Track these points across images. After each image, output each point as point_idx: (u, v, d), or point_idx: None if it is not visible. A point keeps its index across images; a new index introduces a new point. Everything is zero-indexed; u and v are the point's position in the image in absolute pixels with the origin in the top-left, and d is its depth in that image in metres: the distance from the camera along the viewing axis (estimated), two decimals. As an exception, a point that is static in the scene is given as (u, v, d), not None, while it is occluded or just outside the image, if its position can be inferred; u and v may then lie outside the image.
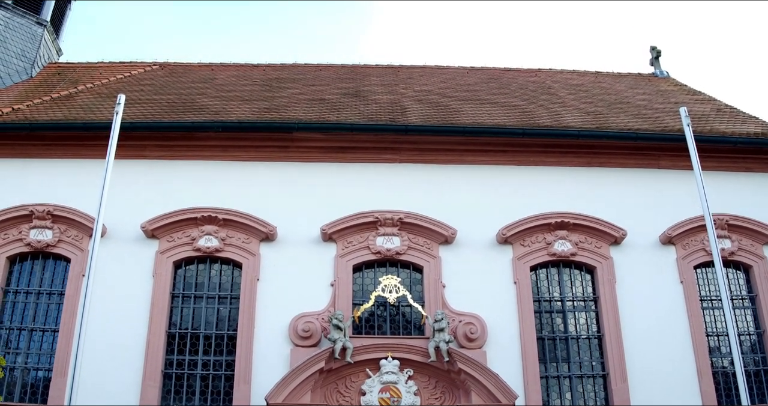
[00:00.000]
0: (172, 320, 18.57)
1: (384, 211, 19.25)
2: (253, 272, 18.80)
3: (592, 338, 18.76)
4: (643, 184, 20.26)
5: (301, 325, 17.94)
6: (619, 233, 19.30)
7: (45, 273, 19.25)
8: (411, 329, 18.58)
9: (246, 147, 20.22)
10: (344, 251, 19.06)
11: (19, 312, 18.77)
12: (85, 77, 26.25)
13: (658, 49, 29.68)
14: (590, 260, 19.29)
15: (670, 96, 25.57)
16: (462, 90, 25.48)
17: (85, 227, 18.87)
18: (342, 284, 18.66)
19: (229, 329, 18.49)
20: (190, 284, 19.07)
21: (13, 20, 26.24)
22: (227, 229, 19.16)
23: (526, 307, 18.60)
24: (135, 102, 22.23)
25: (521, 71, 28.83)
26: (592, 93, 25.62)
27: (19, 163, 20.17)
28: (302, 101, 23.07)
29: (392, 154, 20.28)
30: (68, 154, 20.18)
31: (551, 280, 19.36)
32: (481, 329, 18.04)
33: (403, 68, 28.64)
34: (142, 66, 28.09)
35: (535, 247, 19.29)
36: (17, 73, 25.57)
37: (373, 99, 23.52)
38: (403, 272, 19.14)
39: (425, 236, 19.22)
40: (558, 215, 19.41)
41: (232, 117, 20.93)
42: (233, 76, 27.10)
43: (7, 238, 19.20)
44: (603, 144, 20.42)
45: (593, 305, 19.10)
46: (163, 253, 18.96)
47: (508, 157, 20.38)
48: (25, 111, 21.42)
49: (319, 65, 28.68)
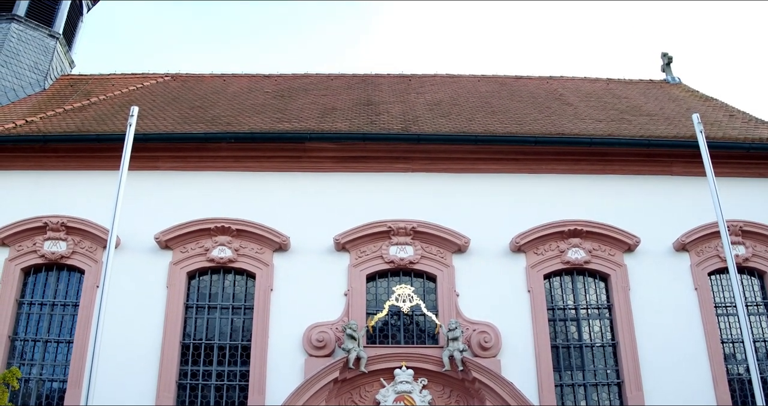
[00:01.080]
0: (186, 330, 18.59)
1: (397, 220, 19.25)
2: (267, 282, 18.80)
3: (606, 346, 18.69)
4: (656, 191, 20.19)
5: (315, 335, 17.93)
6: (633, 240, 19.24)
7: (59, 284, 19.30)
8: (425, 339, 18.55)
9: (258, 157, 20.25)
10: (357, 260, 19.06)
11: (33, 324, 18.82)
12: (97, 89, 26.35)
13: (670, 55, 29.67)
14: (604, 267, 19.24)
15: (682, 102, 25.52)
16: (473, 98, 25.47)
17: (99, 239, 18.95)
18: (356, 294, 18.65)
19: (243, 340, 18.48)
20: (204, 294, 19.09)
21: (26, 33, 26.37)
22: (240, 239, 19.18)
23: (540, 315, 18.55)
24: (147, 113, 22.31)
25: (532, 79, 28.84)
26: (603, 100, 25.58)
27: (32, 175, 20.25)
28: (314, 111, 23.10)
29: (404, 163, 20.29)
30: (82, 166, 20.25)
31: (565, 288, 19.31)
32: (495, 337, 18.01)
33: (415, 77, 28.67)
34: (154, 77, 28.18)
35: (548, 255, 19.25)
36: (30, 86, 25.68)
37: (385, 108, 23.53)
38: (416, 281, 19.13)
39: (438, 244, 19.20)
40: (571, 223, 19.37)
41: (244, 128, 20.97)
42: (245, 86, 27.17)
43: (22, 250, 19.26)
44: (615, 151, 20.38)
45: (607, 312, 19.05)
46: (176, 264, 18.99)
47: (520, 165, 20.36)
48: (38, 123, 21.52)
49: (331, 75, 28.74)
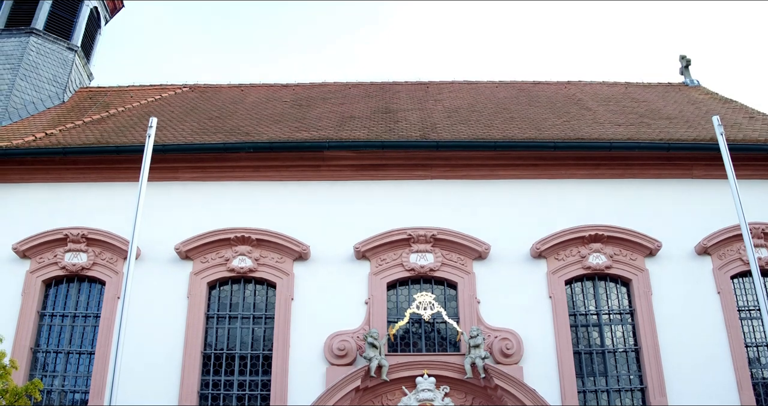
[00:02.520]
0: (207, 340, 18.61)
1: (417, 228, 19.21)
2: (288, 292, 18.81)
3: (629, 352, 18.57)
4: (677, 194, 20.09)
5: (336, 343, 17.91)
6: (654, 244, 19.13)
7: (80, 296, 19.39)
8: (446, 346, 18.49)
9: (278, 167, 20.28)
10: (378, 268, 19.03)
11: (55, 335, 18.91)
12: (116, 101, 26.49)
13: (688, 58, 29.52)
14: (625, 272, 19.13)
15: (701, 105, 25.39)
16: (492, 104, 25.43)
17: (120, 250, 19.02)
18: (376, 302, 18.62)
19: (265, 349, 18.49)
20: (225, 304, 19.10)
21: (45, 46, 26.51)
22: (261, 249, 19.19)
23: (562, 321, 18.46)
24: (166, 124, 22.39)
25: (551, 84, 28.76)
26: (622, 104, 25.48)
27: (53, 188, 20.39)
28: (333, 120, 23.12)
29: (424, 170, 20.26)
30: (101, 178, 20.37)
31: (586, 293, 19.21)
32: (517, 344, 17.93)
33: (433, 84, 28.66)
34: (172, 88, 28.30)
35: (569, 260, 19.17)
36: (50, 99, 25.82)
37: (403, 116, 23.52)
38: (437, 289, 19.08)
39: (459, 252, 19.15)
40: (592, 228, 19.27)
41: (263, 137, 21.01)
42: (263, 96, 27.23)
43: (43, 262, 19.36)
44: (635, 155, 20.28)
45: (629, 317, 18.94)
46: (197, 274, 19.02)
47: (540, 170, 20.31)
48: (58, 136, 21.65)
49: (349, 83, 28.76)
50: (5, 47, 26.07)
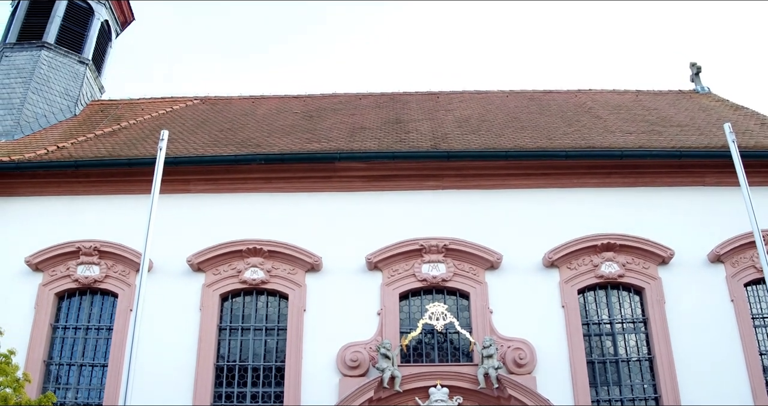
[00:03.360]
0: (219, 352, 18.61)
1: (428, 238, 19.19)
2: (300, 303, 18.80)
3: (642, 361, 18.50)
4: (689, 202, 20.03)
5: (349, 355, 17.89)
6: (667, 252, 19.07)
7: (93, 309, 19.42)
8: (459, 356, 18.44)
9: (289, 178, 20.31)
10: (390, 279, 19.02)
11: (68, 348, 18.94)
12: (127, 114, 26.56)
13: (698, 65, 29.47)
14: (638, 281, 19.06)
15: (712, 112, 25.33)
16: (502, 114, 25.41)
17: (132, 262, 19.05)
18: (389, 313, 18.60)
19: (277, 361, 18.48)
20: (237, 316, 19.10)
21: (56, 60, 26.63)
22: (273, 260, 19.19)
23: (575, 330, 18.40)
24: (178, 137, 22.44)
25: (561, 93, 28.71)
26: (633, 112, 25.44)
27: (65, 201, 20.45)
28: (343, 131, 23.15)
29: (435, 180, 20.26)
30: (113, 191, 20.42)
31: (599, 302, 19.16)
32: (530, 354, 17.88)
33: (443, 94, 28.65)
34: (183, 101, 28.35)
35: (582, 269, 19.11)
36: (61, 112, 25.90)
37: (414, 126, 23.52)
38: (449, 299, 19.05)
39: (471, 261, 19.12)
40: (604, 237, 19.23)
41: (274, 149, 21.02)
42: (274, 108, 27.26)
43: (55, 274, 19.40)
44: (647, 163, 20.24)
45: (643, 326, 18.87)
46: (209, 286, 19.04)
47: (551, 180, 20.28)
48: (69, 149, 21.72)
49: (359, 94, 28.78)
50: (17, 61, 26.19)
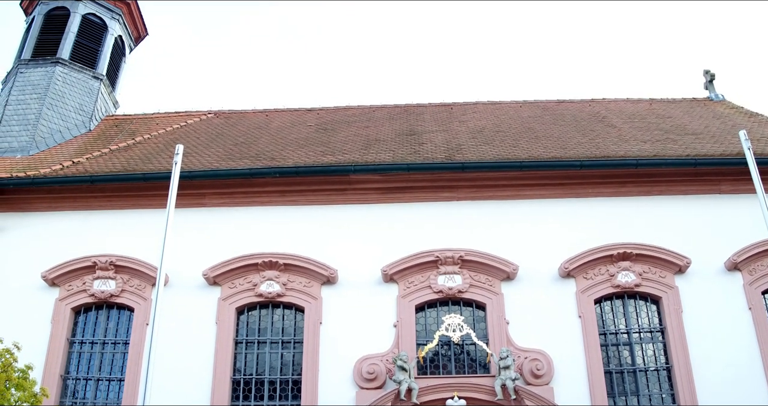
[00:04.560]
0: (236, 366, 18.61)
1: (444, 249, 19.17)
2: (316, 316, 18.79)
3: (660, 370, 18.40)
4: (705, 210, 19.95)
5: (366, 367, 17.87)
6: (684, 261, 18.98)
7: (109, 323, 19.46)
8: (476, 368, 18.38)
9: (304, 191, 20.34)
10: (406, 291, 18.99)
11: (84, 362, 18.99)
12: (142, 128, 26.66)
13: (712, 72, 29.41)
14: (655, 290, 18.98)
15: (727, 119, 25.25)
16: (516, 124, 25.38)
17: (148, 276, 19.10)
18: (405, 325, 18.56)
19: (294, 374, 18.45)
20: (253, 329, 19.11)
21: (71, 75, 26.76)
22: (288, 273, 19.20)
23: (592, 340, 18.32)
24: (192, 151, 22.50)
25: (575, 102, 28.68)
26: (647, 121, 25.38)
27: (81, 216, 20.54)
28: (358, 143, 23.16)
29: (450, 192, 20.26)
30: (129, 205, 20.50)
31: (616, 312, 19.08)
32: (547, 364, 17.82)
33: (456, 105, 28.65)
34: (197, 115, 28.44)
35: (598, 279, 19.05)
36: (76, 127, 26.01)
37: (428, 138, 23.52)
38: (465, 310, 19.01)
39: (487, 273, 19.08)
40: (620, 246, 19.15)
41: (288, 162, 21.05)
42: (288, 121, 27.30)
43: (72, 289, 19.46)
44: (662, 172, 20.19)
45: (660, 335, 18.77)
46: (225, 299, 19.05)
47: (566, 189, 20.24)
48: (85, 164, 21.80)
49: (373, 106, 28.81)
50: (32, 77, 26.34)
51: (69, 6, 28.06)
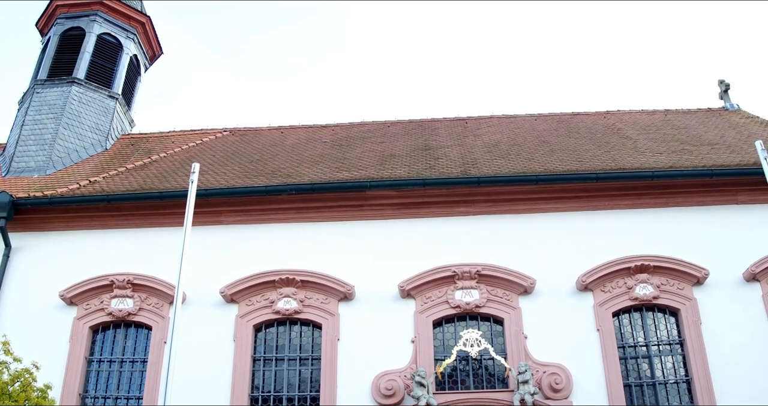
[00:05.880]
0: (254, 383, 18.59)
1: (461, 264, 19.14)
2: (333, 332, 18.77)
3: (680, 383, 18.28)
4: (722, 221, 19.85)
5: (384, 383, 17.83)
6: (702, 272, 18.88)
7: (127, 341, 19.49)
8: (495, 383, 18.31)
9: (320, 208, 20.36)
10: (423, 306, 18.95)
11: (103, 381, 19.01)
12: (158, 147, 26.77)
13: (727, 82, 29.32)
14: (673, 302, 18.88)
15: (742, 129, 25.14)
16: (531, 138, 25.36)
17: (165, 295, 19.13)
18: (423, 340, 18.52)
19: (312, 391, 18.42)
20: (271, 346, 19.11)
21: (86, 95, 26.92)
22: (305, 290, 19.20)
23: (611, 354, 18.23)
24: (208, 169, 22.57)
25: (589, 115, 28.63)
26: (663, 132, 25.32)
27: (98, 234, 20.61)
28: (373, 159, 23.18)
29: (466, 206, 20.24)
30: (145, 224, 20.56)
31: (634, 325, 18.98)
32: (566, 378, 17.74)
33: (471, 119, 28.63)
34: (212, 133, 28.54)
35: (616, 292, 18.96)
36: (92, 146, 26.14)
37: (443, 152, 23.52)
38: (483, 325, 18.95)
39: (504, 287, 19.03)
40: (637, 259, 19.07)
41: (304, 179, 21.09)
42: (303, 137, 27.35)
43: (90, 308, 19.51)
44: (678, 183, 20.11)
45: (679, 348, 18.66)
46: (242, 317, 19.06)
47: (582, 202, 20.20)
48: (101, 183, 21.89)
49: (387, 121, 28.83)
50: (48, 97, 26.52)
51: (84, 26, 28.27)
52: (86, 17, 28.46)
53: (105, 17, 28.54)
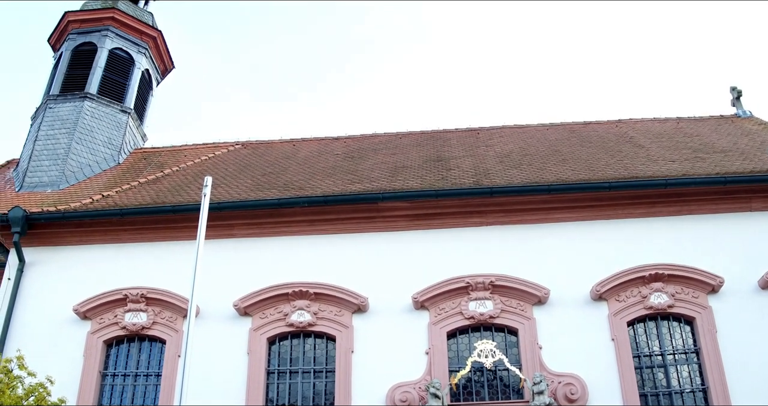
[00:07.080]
0: (269, 396, 18.58)
1: (474, 275, 19.08)
2: (347, 345, 18.75)
3: (696, 392, 18.16)
4: (736, 228, 19.74)
5: (399, 395, 17.79)
6: (716, 280, 18.78)
7: (141, 355, 19.52)
8: (510, 394, 18.25)
9: (332, 220, 20.36)
10: (437, 318, 18.90)
11: (117, 395, 19.05)
12: (170, 161, 26.83)
13: (739, 89, 29.25)
14: (688, 310, 18.78)
15: (755, 136, 25.05)
16: (543, 147, 25.30)
17: (179, 308, 19.15)
18: (437, 352, 18.48)
19: (326, 403, 18.39)
20: (285, 359, 19.07)
21: (99, 110, 27.04)
22: (319, 303, 19.18)
23: (626, 363, 18.15)
24: (221, 182, 22.60)
25: (601, 123, 28.57)
26: (675, 140, 25.24)
27: (111, 249, 20.65)
28: (385, 170, 23.17)
29: (478, 217, 20.19)
30: (159, 237, 20.60)
31: (650, 334, 18.89)
32: (581, 389, 17.66)
33: (483, 130, 28.60)
34: (225, 146, 28.61)
35: (630, 301, 18.87)
36: (105, 161, 26.23)
37: (456, 163, 23.50)
38: (498, 336, 18.89)
39: (518, 297, 18.97)
40: (651, 267, 18.98)
41: (317, 191, 21.09)
42: (315, 150, 27.37)
43: (103, 322, 19.54)
44: (692, 191, 20.02)
45: (695, 357, 18.56)
46: (256, 330, 19.06)
47: (595, 211, 20.13)
48: (114, 197, 21.96)
49: (399, 133, 28.85)
50: (61, 112, 26.65)
51: (96, 41, 28.42)
52: (98, 32, 28.60)
53: (116, 32, 28.68)
